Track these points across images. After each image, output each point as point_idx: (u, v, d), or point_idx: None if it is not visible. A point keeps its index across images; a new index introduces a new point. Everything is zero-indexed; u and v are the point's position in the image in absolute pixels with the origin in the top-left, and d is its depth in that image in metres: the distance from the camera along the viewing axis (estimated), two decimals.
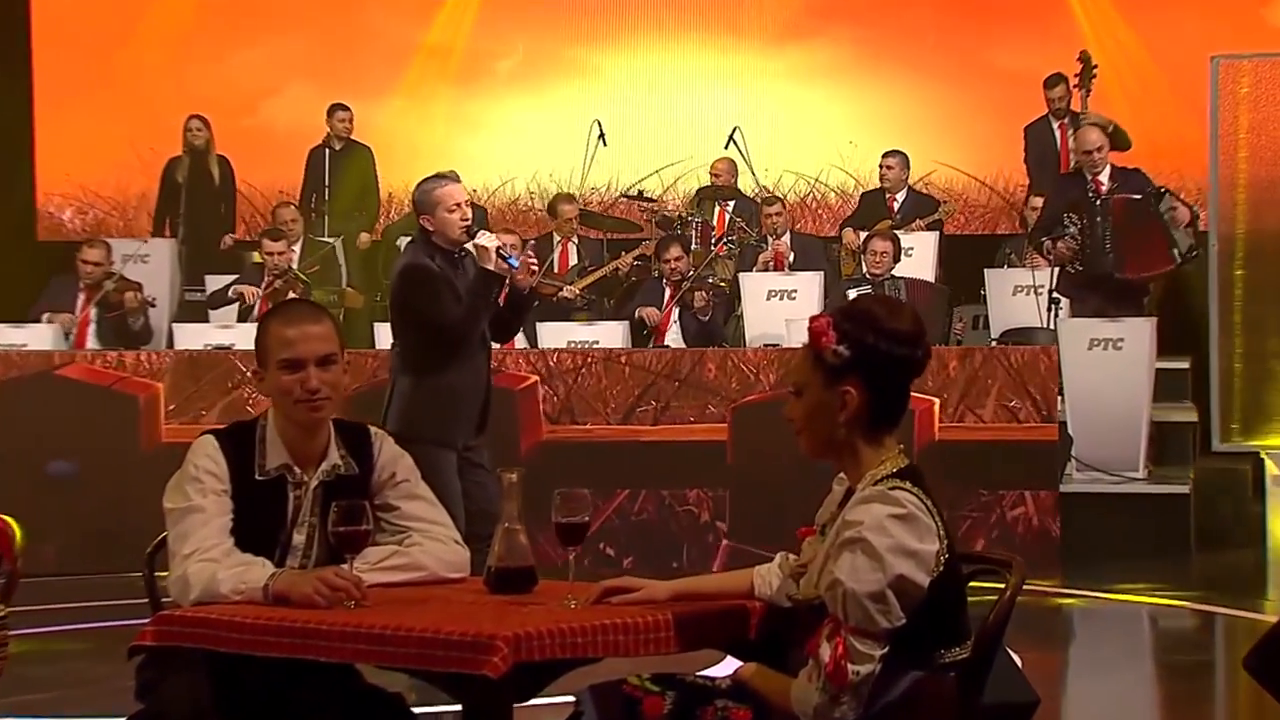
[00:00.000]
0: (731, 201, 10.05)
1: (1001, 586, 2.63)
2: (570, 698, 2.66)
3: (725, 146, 10.18)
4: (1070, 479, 7.83)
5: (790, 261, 9.41)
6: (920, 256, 9.31)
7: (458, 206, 5.29)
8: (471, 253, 5.32)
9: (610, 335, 8.35)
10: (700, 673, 2.75)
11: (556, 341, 8.23)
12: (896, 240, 8.72)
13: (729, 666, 2.76)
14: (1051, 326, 8.26)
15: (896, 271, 8.64)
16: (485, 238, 5.29)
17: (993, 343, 8.54)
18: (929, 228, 9.64)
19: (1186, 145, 9.94)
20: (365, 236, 10.43)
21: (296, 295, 8.78)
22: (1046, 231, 8.32)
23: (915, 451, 7.10)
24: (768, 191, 10.37)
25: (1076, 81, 9.11)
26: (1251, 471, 8.35)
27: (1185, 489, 7.84)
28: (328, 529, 2.89)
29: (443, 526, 3.11)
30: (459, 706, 2.72)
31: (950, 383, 7.40)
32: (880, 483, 2.55)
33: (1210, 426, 8.99)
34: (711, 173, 10.29)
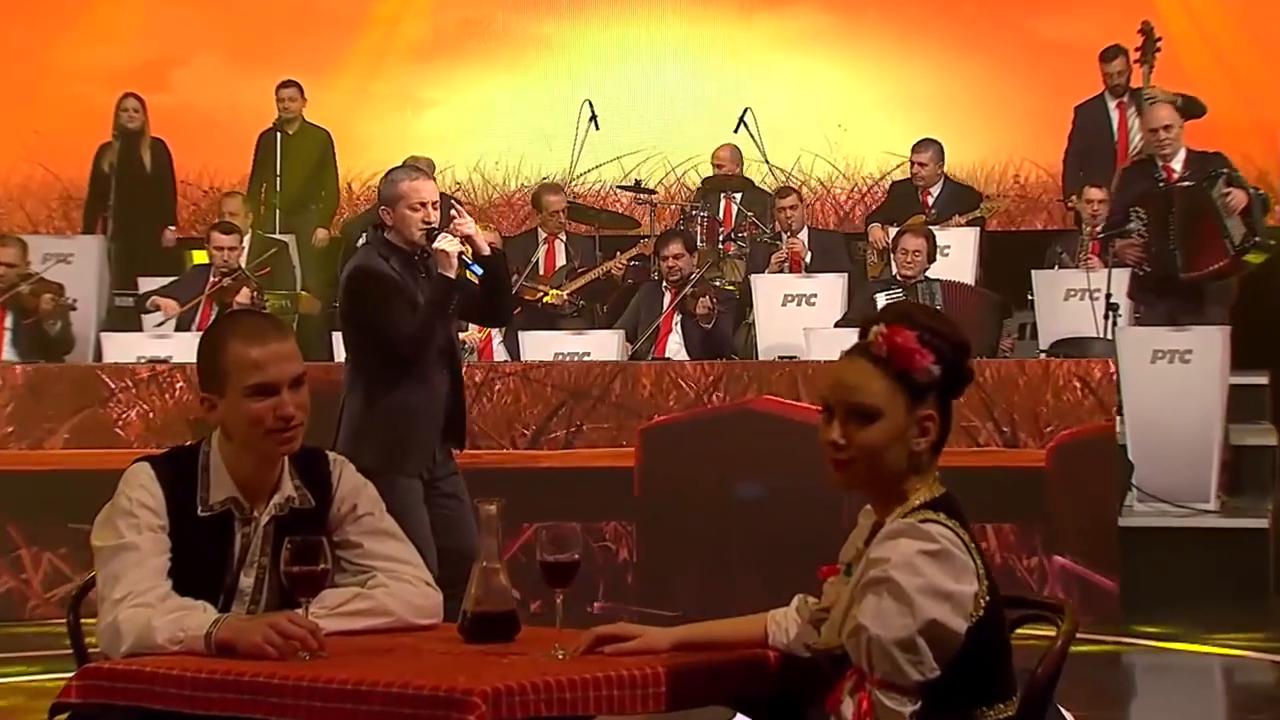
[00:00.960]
0: (740, 193, 10.08)
1: (1051, 634, 2.64)
2: None
3: (735, 130, 10.21)
4: (1131, 511, 7.84)
5: (808, 261, 9.44)
6: (958, 255, 9.34)
7: (422, 205, 5.31)
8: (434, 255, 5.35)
9: (604, 346, 8.38)
10: None
11: (542, 353, 8.26)
12: (931, 237, 8.73)
13: None
14: (1109, 336, 8.29)
15: (931, 272, 8.66)
16: (446, 241, 5.32)
17: (1041, 354, 8.56)
18: (969, 224, 9.66)
19: (1270, 127, 9.97)
20: (322, 233, 10.46)
21: (251, 298, 8.78)
22: (1117, 229, 8.36)
23: None
24: (787, 180, 10.40)
25: (1138, 56, 9.14)
26: None
27: (1263, 523, 7.84)
28: (280, 570, 2.90)
29: (411, 566, 3.13)
30: None
31: (998, 397, 7.40)
32: (911, 514, 2.56)
33: None
34: (713, 162, 10.33)
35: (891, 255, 8.84)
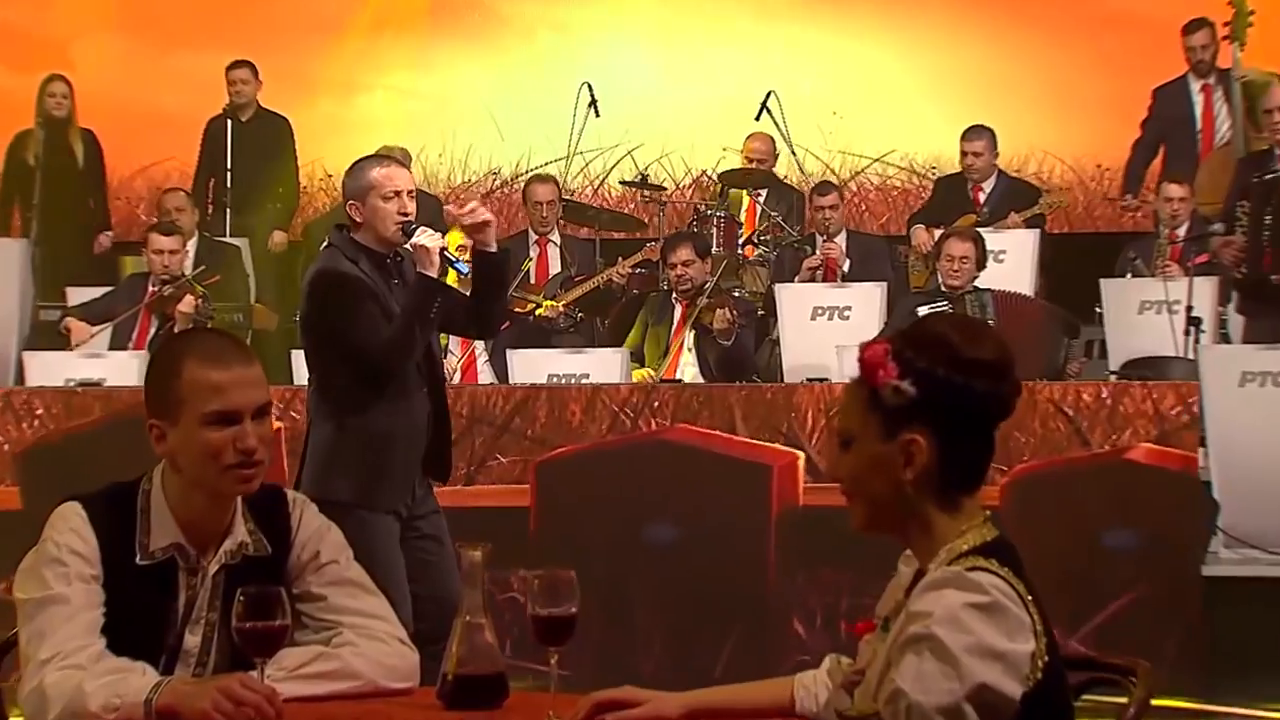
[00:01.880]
0: (763, 190, 10.10)
1: (1123, 702, 2.65)
2: None
3: (757, 117, 10.24)
4: (1216, 558, 7.83)
5: (845, 270, 9.45)
6: (1014, 261, 9.34)
7: (396, 195, 5.26)
8: (410, 257, 5.34)
9: (605, 366, 8.38)
10: None
11: (533, 374, 8.27)
12: (980, 241, 8.73)
13: None
14: (1191, 355, 8.29)
15: (981, 282, 8.67)
16: (427, 236, 5.27)
17: (1110, 376, 8.56)
18: (1027, 224, 9.68)
19: None
20: (280, 235, 10.49)
21: (196, 307, 8.72)
22: (1203, 233, 8.38)
23: (772, 518, 7.13)
24: (831, 177, 10.42)
25: (1227, 31, 9.15)
26: None
27: None
28: (231, 626, 2.90)
29: (382, 621, 3.14)
30: None
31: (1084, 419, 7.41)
32: (957, 561, 2.57)
33: None
34: (745, 154, 10.33)
35: (936, 262, 8.85)
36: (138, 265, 9.57)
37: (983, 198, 9.87)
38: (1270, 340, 8.18)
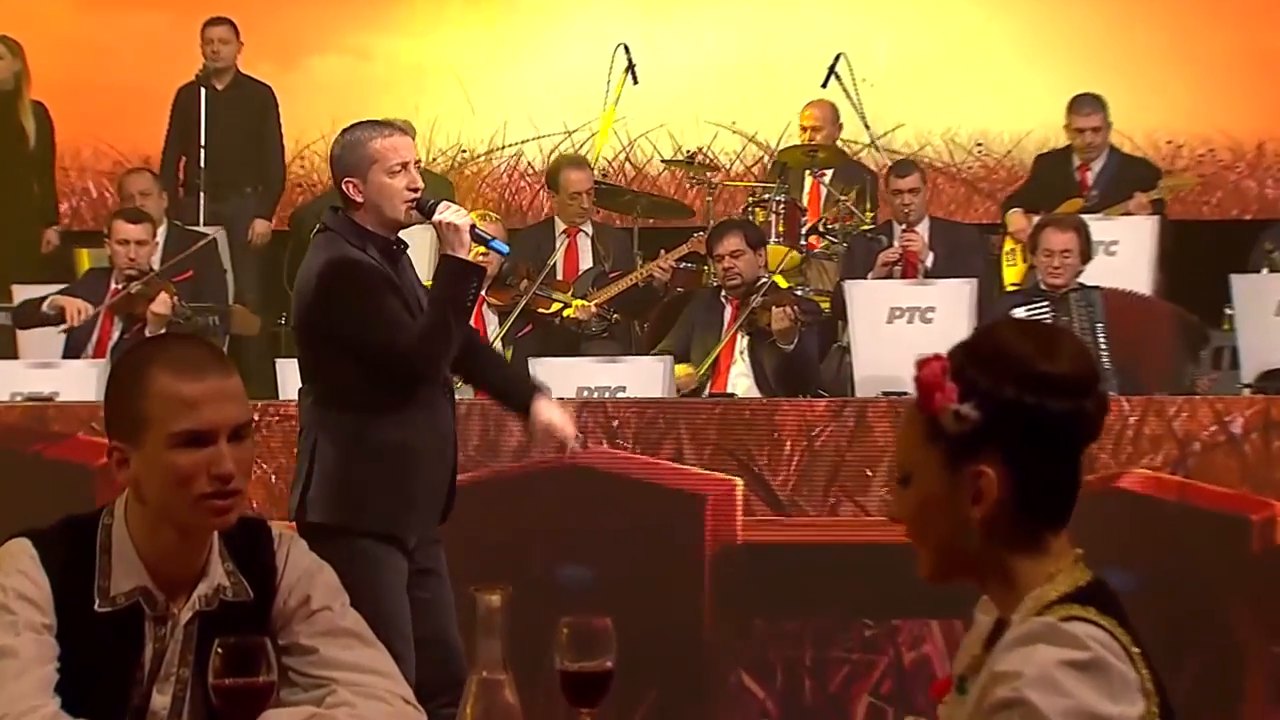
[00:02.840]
0: (829, 170, 10.11)
1: None
2: None
3: (823, 84, 10.24)
4: None
5: (928, 264, 9.43)
6: (1129, 254, 9.31)
7: (403, 168, 5.21)
8: (410, 243, 5.34)
9: (645, 378, 8.38)
10: None
11: (560, 388, 8.26)
12: (1084, 231, 8.69)
13: None
14: None
15: (1089, 277, 8.64)
16: (453, 212, 5.24)
17: (1244, 390, 8.54)
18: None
19: None
20: (262, 224, 10.51)
21: (172, 307, 8.68)
22: None
23: (707, 557, 7.09)
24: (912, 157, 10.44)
25: None
26: None
27: None
28: (207, 683, 2.89)
29: (383, 677, 3.16)
30: None
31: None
32: (1048, 610, 2.57)
33: None
34: (803, 125, 10.35)
35: (1033, 255, 8.83)
36: (96, 259, 9.53)
37: (1091, 178, 9.84)
38: None
